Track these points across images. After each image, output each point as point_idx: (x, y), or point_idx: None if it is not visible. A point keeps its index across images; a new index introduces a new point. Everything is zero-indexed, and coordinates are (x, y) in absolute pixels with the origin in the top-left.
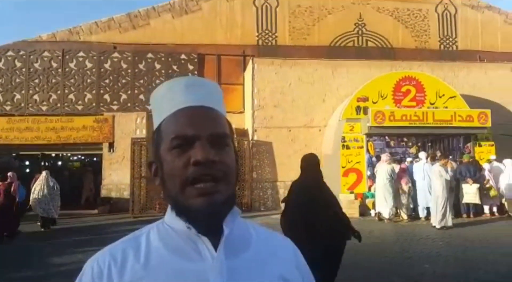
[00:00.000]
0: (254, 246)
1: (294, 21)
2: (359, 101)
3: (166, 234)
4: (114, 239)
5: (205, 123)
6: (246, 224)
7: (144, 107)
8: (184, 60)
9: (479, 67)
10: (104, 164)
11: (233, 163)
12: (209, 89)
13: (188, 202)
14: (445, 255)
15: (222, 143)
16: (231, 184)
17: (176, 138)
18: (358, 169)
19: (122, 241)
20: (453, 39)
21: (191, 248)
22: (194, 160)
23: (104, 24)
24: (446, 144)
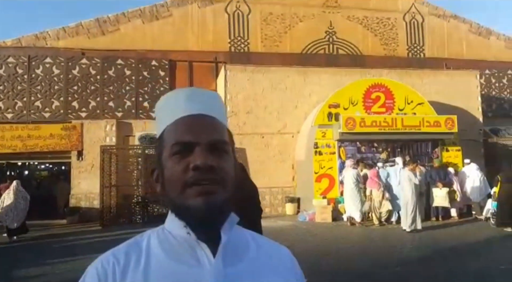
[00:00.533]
0: (252, 254)
1: (266, 28)
2: (330, 108)
3: (165, 239)
4: (83, 250)
5: (204, 131)
6: (244, 232)
7: (114, 114)
8: (155, 66)
9: (446, 74)
10: (73, 173)
11: (231, 170)
12: (209, 99)
13: (187, 202)
14: (415, 258)
15: (221, 149)
16: (228, 190)
17: (176, 144)
18: (331, 174)
19: (125, 245)
20: (420, 47)
21: (190, 254)
22: (193, 165)
23: (72, 30)
24: (415, 149)
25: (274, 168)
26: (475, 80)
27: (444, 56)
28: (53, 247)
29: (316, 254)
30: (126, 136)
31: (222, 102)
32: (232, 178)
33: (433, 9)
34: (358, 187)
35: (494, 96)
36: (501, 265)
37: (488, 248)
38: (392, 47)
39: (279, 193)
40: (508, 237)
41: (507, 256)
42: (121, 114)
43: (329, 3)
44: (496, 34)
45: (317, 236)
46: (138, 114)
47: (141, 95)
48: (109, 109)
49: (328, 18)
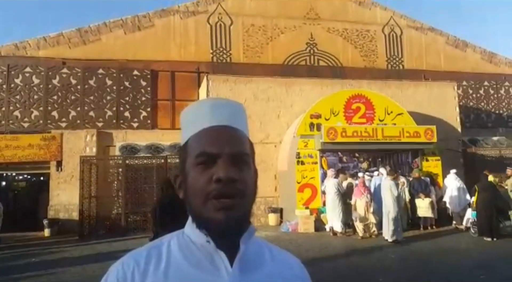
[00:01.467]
0: (268, 264)
1: (248, 39)
2: (312, 118)
3: (185, 245)
4: (63, 263)
5: (227, 142)
6: (261, 242)
7: (94, 124)
8: (137, 76)
9: (424, 85)
10: (52, 184)
11: (252, 182)
12: (233, 110)
13: (208, 215)
14: (397, 268)
15: (243, 161)
16: (249, 202)
17: (200, 155)
18: (313, 184)
19: (145, 248)
20: (399, 59)
21: (208, 261)
22: (216, 177)
23: (53, 39)
24: (396, 159)
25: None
26: (452, 91)
27: (422, 68)
28: (29, 260)
29: None
30: (107, 147)
31: (245, 113)
32: (251, 190)
33: (411, 22)
34: (339, 196)
35: (472, 107)
36: (481, 275)
37: (468, 258)
38: (371, 59)
39: (262, 203)
40: (488, 247)
41: (487, 265)
42: (102, 124)
43: (309, 15)
44: (473, 47)
45: (300, 247)
46: (119, 124)
47: (122, 105)
48: (89, 119)
49: (309, 30)
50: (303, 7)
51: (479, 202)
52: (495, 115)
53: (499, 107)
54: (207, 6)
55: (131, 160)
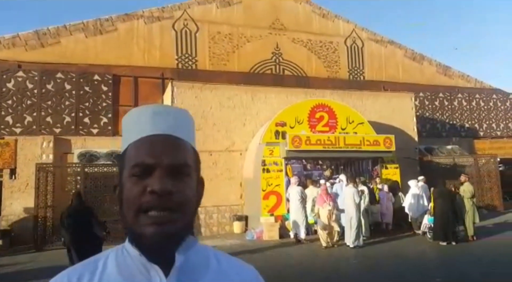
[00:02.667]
0: (211, 275)
1: (214, 47)
2: (277, 126)
3: (122, 259)
4: (17, 277)
5: (166, 153)
6: (207, 252)
7: (52, 131)
8: (98, 81)
9: (384, 96)
10: (4, 193)
11: (192, 193)
12: (177, 117)
13: (140, 229)
14: (358, 273)
15: (182, 172)
16: (187, 214)
17: (135, 166)
18: (278, 191)
19: (82, 264)
20: (360, 70)
21: (144, 275)
22: (150, 190)
23: (8, 41)
24: (357, 166)
25: (222, 186)
26: (410, 102)
27: (382, 79)
28: None
29: (262, 273)
30: (64, 154)
31: (191, 120)
32: (192, 202)
33: (372, 35)
34: (302, 204)
35: (428, 117)
36: (437, 278)
37: (424, 262)
38: (334, 70)
39: (227, 211)
40: (443, 251)
41: (442, 269)
42: (60, 131)
43: (275, 25)
44: (429, 60)
45: (264, 254)
46: (77, 130)
47: (82, 110)
48: (46, 125)
49: (275, 40)
50: (269, 17)
51: (435, 207)
52: (449, 125)
53: (452, 117)
54: (172, 12)
55: (91, 168)
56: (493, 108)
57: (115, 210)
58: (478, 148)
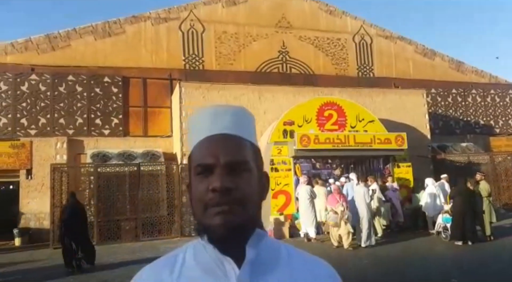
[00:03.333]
0: (283, 269)
1: (220, 46)
2: (285, 125)
3: (199, 252)
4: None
5: (223, 152)
6: (280, 247)
7: (65, 132)
8: (108, 83)
9: (394, 93)
10: (22, 192)
11: (252, 188)
12: (234, 115)
13: (208, 221)
14: (370, 272)
15: (241, 169)
16: (249, 208)
17: (198, 166)
18: (287, 190)
19: (164, 257)
20: (369, 67)
21: (219, 268)
22: (211, 187)
23: (21, 45)
24: (368, 165)
25: None
26: (422, 99)
27: (392, 76)
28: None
29: None
30: (78, 154)
31: (249, 117)
32: (252, 196)
33: (381, 31)
34: (312, 203)
35: (440, 114)
36: (452, 278)
37: (439, 262)
38: (343, 67)
39: None
40: (459, 251)
41: (458, 269)
42: (73, 132)
43: (281, 23)
44: (441, 55)
45: None
46: (90, 131)
47: (93, 112)
48: (59, 126)
49: (281, 38)
50: (275, 16)
51: (454, 206)
52: (463, 122)
53: (467, 114)
54: (178, 13)
55: (103, 168)
56: (510, 104)
57: (128, 209)
58: (494, 145)
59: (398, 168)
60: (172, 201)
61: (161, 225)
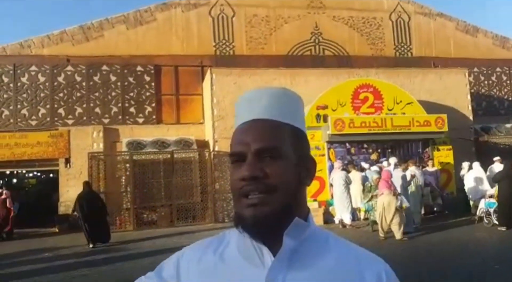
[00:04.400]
0: (326, 262)
1: (250, 30)
2: (318, 109)
3: (241, 239)
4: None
5: (253, 139)
6: (327, 238)
7: (100, 121)
8: (140, 72)
9: (434, 73)
10: (61, 180)
11: (286, 175)
12: (269, 99)
13: (241, 211)
14: (408, 260)
15: (273, 155)
16: (284, 195)
17: (232, 154)
18: (321, 176)
19: (209, 239)
20: (407, 47)
21: (257, 255)
22: (241, 176)
23: (57, 37)
24: (406, 149)
25: None
26: (464, 78)
27: (431, 55)
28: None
29: None
30: (113, 143)
31: (291, 97)
32: (287, 182)
33: (419, 8)
34: (347, 188)
35: (484, 94)
36: (495, 265)
37: (482, 247)
38: (379, 47)
39: None
40: (502, 237)
41: (500, 255)
42: (108, 121)
43: (313, 4)
44: (484, 32)
45: None
46: (124, 120)
47: (127, 101)
48: (95, 115)
49: (313, 19)
50: None
51: (499, 191)
52: (508, 102)
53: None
54: None
55: (138, 155)
56: None
57: (163, 195)
58: None
59: (438, 152)
60: (205, 187)
61: (195, 211)
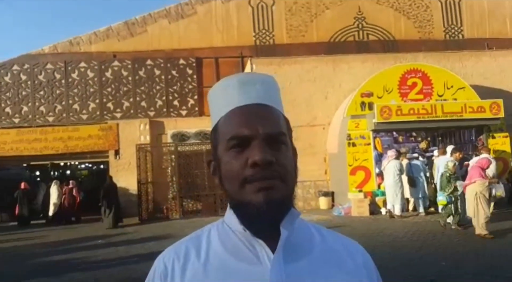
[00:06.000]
0: (317, 250)
1: (291, 18)
2: (363, 97)
3: (225, 234)
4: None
5: (261, 122)
6: (309, 227)
7: (147, 114)
8: (183, 65)
9: (488, 55)
10: (111, 171)
11: (290, 162)
12: (263, 84)
13: (248, 197)
14: (462, 252)
15: (279, 142)
16: (288, 184)
17: (232, 139)
18: (366, 166)
19: (185, 239)
20: (458, 28)
21: (249, 250)
22: (252, 161)
23: (103, 34)
24: (458, 137)
25: (305, 161)
26: None
27: (485, 36)
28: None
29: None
30: (159, 135)
31: (277, 86)
32: (291, 171)
33: None
34: (400, 178)
35: None
36: None
37: None
38: (427, 30)
39: (311, 187)
40: None
41: None
42: (153, 114)
43: None
44: None
45: (355, 230)
46: (169, 112)
47: (171, 94)
48: (141, 109)
49: (356, 3)
50: None
51: None
52: None
53: None
54: None
55: (182, 147)
56: None
57: (206, 185)
58: None
59: (493, 139)
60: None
61: None
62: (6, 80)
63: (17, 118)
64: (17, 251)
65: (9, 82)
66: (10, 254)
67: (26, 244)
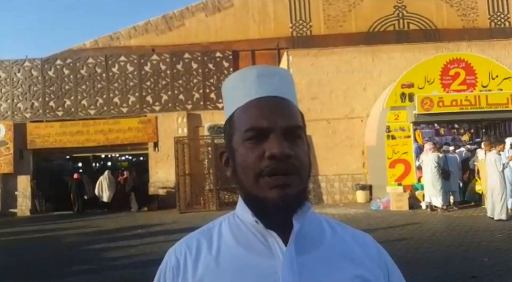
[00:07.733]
0: (328, 242)
1: (328, 8)
2: (403, 88)
3: (236, 227)
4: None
5: (279, 115)
6: (320, 219)
7: (184, 107)
8: (219, 58)
9: None
10: (150, 163)
11: (306, 157)
12: (281, 78)
13: (262, 194)
14: (505, 249)
15: (295, 135)
16: (304, 178)
17: (250, 130)
18: (406, 159)
19: (197, 232)
20: (505, 16)
21: (261, 242)
22: (270, 154)
23: (142, 28)
24: (502, 129)
25: (342, 154)
26: None
27: None
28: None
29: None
30: (196, 127)
31: (293, 80)
32: (306, 165)
33: None
34: (439, 171)
35: None
36: None
37: None
38: (471, 18)
39: (349, 180)
40: None
41: None
42: (191, 106)
43: None
44: None
45: (394, 224)
46: (206, 105)
47: (208, 87)
48: (179, 102)
49: None
50: None
51: None
52: None
53: None
54: None
55: (219, 139)
56: None
57: None
58: None
59: None
60: None
61: None
62: (50, 74)
63: (61, 112)
64: (68, 239)
65: (53, 77)
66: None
67: (83, 231)
